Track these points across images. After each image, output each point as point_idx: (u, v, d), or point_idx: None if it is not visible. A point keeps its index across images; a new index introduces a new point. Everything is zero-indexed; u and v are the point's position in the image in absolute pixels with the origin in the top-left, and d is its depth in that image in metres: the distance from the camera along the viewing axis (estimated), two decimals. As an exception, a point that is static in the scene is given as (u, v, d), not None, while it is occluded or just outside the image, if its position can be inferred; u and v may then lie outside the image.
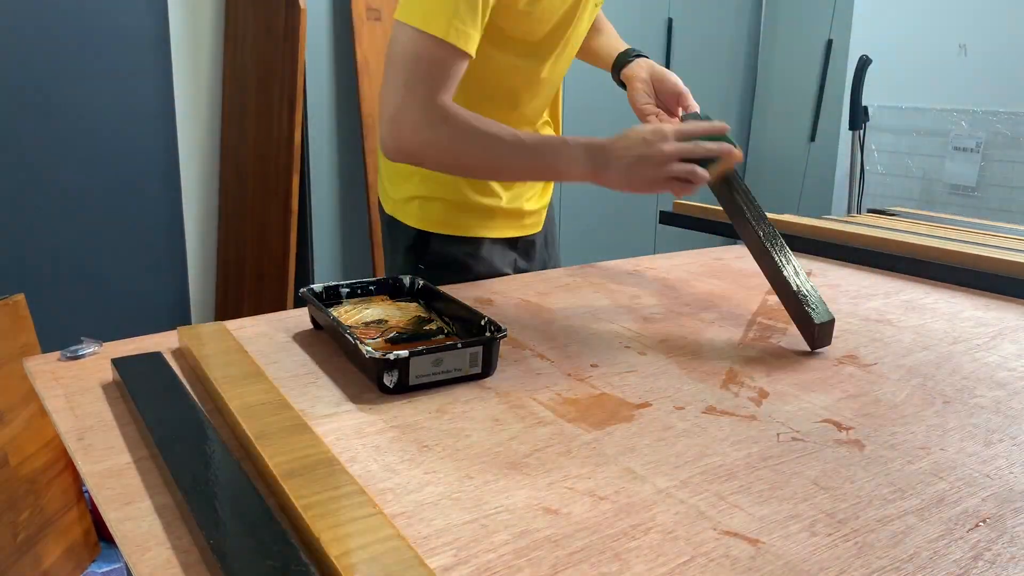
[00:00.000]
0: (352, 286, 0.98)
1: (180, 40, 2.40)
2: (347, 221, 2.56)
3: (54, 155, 2.23)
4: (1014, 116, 2.94)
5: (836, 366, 0.87)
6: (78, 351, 0.83)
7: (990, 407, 0.77)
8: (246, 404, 0.68)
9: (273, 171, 2.35)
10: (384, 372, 0.74)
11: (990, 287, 1.19)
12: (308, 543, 0.51)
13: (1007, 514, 0.58)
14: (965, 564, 0.52)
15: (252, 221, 2.45)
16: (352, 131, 2.49)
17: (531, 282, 1.18)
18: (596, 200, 3.12)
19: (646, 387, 0.80)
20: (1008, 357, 0.92)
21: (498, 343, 0.80)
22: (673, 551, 0.52)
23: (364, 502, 0.53)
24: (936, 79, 3.13)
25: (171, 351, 0.85)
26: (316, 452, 0.60)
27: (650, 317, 1.03)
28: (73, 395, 0.74)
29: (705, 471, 0.63)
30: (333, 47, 2.42)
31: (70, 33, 2.19)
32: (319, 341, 0.90)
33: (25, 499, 1.56)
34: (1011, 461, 0.66)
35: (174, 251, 2.52)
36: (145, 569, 0.49)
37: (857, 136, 2.91)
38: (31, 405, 1.59)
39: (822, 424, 0.72)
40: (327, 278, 2.54)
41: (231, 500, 0.54)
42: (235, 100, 2.46)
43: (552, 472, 0.62)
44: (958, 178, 3.10)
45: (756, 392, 0.79)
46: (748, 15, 3.56)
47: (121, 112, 2.32)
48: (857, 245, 1.37)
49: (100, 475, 0.60)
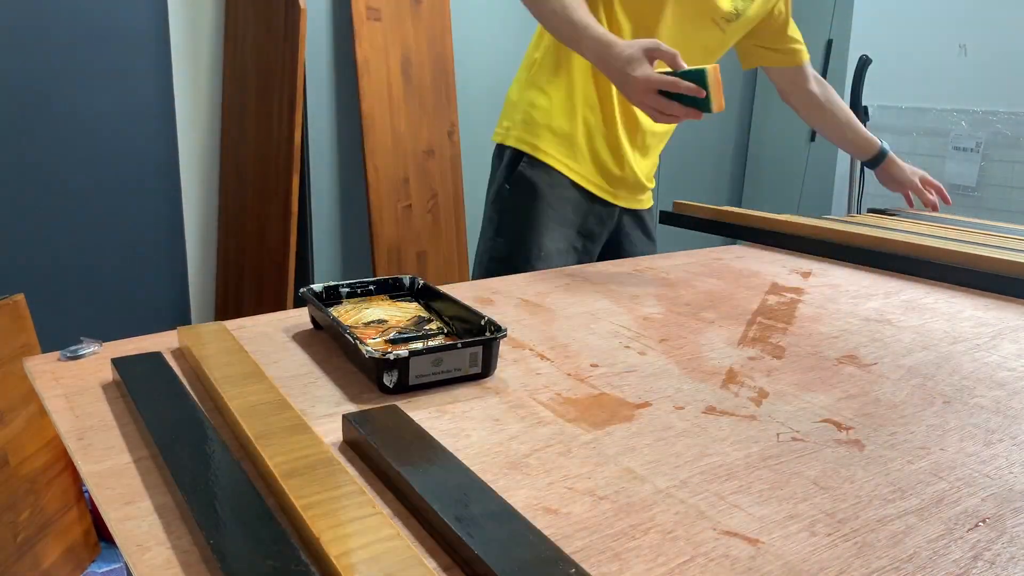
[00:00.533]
0: (352, 286, 0.98)
1: (180, 40, 2.40)
2: (347, 221, 2.56)
3: (54, 155, 2.23)
4: (1014, 116, 2.94)
5: (836, 366, 0.87)
6: (78, 351, 0.83)
7: (990, 407, 0.77)
8: (246, 404, 0.68)
9: (273, 171, 2.35)
10: (384, 372, 0.74)
11: (990, 287, 1.19)
12: (308, 543, 0.51)
13: (1007, 514, 0.58)
14: (965, 564, 0.52)
15: (252, 221, 2.45)
16: (352, 131, 2.49)
17: (531, 282, 1.18)
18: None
19: (646, 387, 0.80)
20: (1008, 357, 0.92)
21: (498, 343, 0.80)
22: (673, 551, 0.52)
23: (364, 502, 0.53)
24: (936, 79, 3.13)
25: (171, 351, 0.85)
26: (316, 452, 0.60)
27: (650, 317, 1.03)
28: (73, 395, 0.74)
29: (705, 471, 0.63)
30: (333, 47, 2.42)
31: (70, 33, 2.19)
32: (319, 341, 0.90)
33: (25, 499, 1.56)
34: (1011, 461, 0.66)
35: (174, 251, 2.52)
36: (145, 569, 0.49)
37: (857, 136, 2.90)
38: (31, 405, 1.59)
39: (822, 424, 0.72)
40: (327, 278, 2.54)
41: (231, 500, 0.54)
42: (235, 100, 2.46)
43: (552, 472, 0.62)
44: (958, 178, 3.10)
45: (756, 392, 0.79)
46: (748, 15, 3.55)
47: (121, 112, 2.32)
48: (857, 245, 1.37)
49: (100, 475, 0.60)
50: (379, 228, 2.45)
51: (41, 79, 2.17)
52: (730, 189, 3.72)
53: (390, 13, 2.42)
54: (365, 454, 0.63)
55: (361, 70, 2.38)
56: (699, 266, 1.32)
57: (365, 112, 2.40)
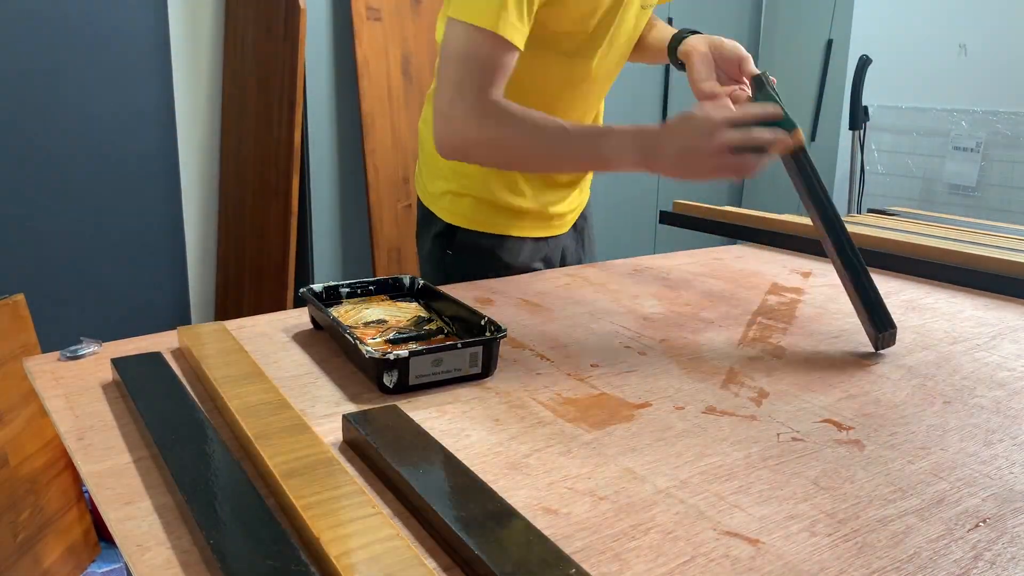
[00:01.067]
0: (352, 286, 0.98)
1: (180, 40, 2.40)
2: (347, 221, 2.56)
3: (54, 155, 2.23)
4: (1014, 116, 2.94)
5: (836, 366, 0.87)
6: (78, 351, 0.83)
7: (990, 407, 0.77)
8: (246, 404, 0.68)
9: (273, 171, 2.35)
10: (384, 372, 0.74)
11: (990, 287, 1.19)
12: (308, 543, 0.51)
13: (1007, 514, 0.58)
14: (965, 564, 0.52)
15: (252, 221, 2.45)
16: (352, 131, 2.49)
17: (531, 282, 1.18)
18: (596, 200, 3.11)
19: (646, 387, 0.80)
20: (1008, 357, 0.92)
21: (498, 343, 0.80)
22: (673, 551, 0.52)
23: (364, 502, 0.53)
24: (936, 79, 3.13)
25: (171, 351, 0.85)
26: (316, 452, 0.60)
27: (650, 317, 1.03)
28: (73, 395, 0.74)
29: (705, 471, 0.63)
30: (333, 47, 2.42)
31: (70, 33, 2.19)
32: (319, 341, 0.90)
33: (25, 499, 1.56)
34: (1011, 461, 0.66)
35: (174, 251, 2.52)
36: (145, 569, 0.49)
37: (857, 136, 2.91)
38: (31, 405, 1.59)
39: (822, 424, 0.72)
40: (327, 278, 2.54)
41: (231, 500, 0.54)
42: (235, 100, 2.46)
43: (552, 472, 0.62)
44: (958, 178, 3.10)
45: (756, 392, 0.79)
46: (748, 15, 3.56)
47: (121, 112, 2.32)
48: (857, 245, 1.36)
49: (100, 475, 0.60)
50: (379, 228, 2.45)
51: (41, 79, 2.17)
52: (730, 189, 3.72)
53: (390, 13, 2.42)
54: (365, 454, 0.63)
55: (361, 70, 2.38)
56: (699, 266, 1.32)
57: (365, 112, 2.40)
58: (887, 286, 1.22)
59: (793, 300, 1.13)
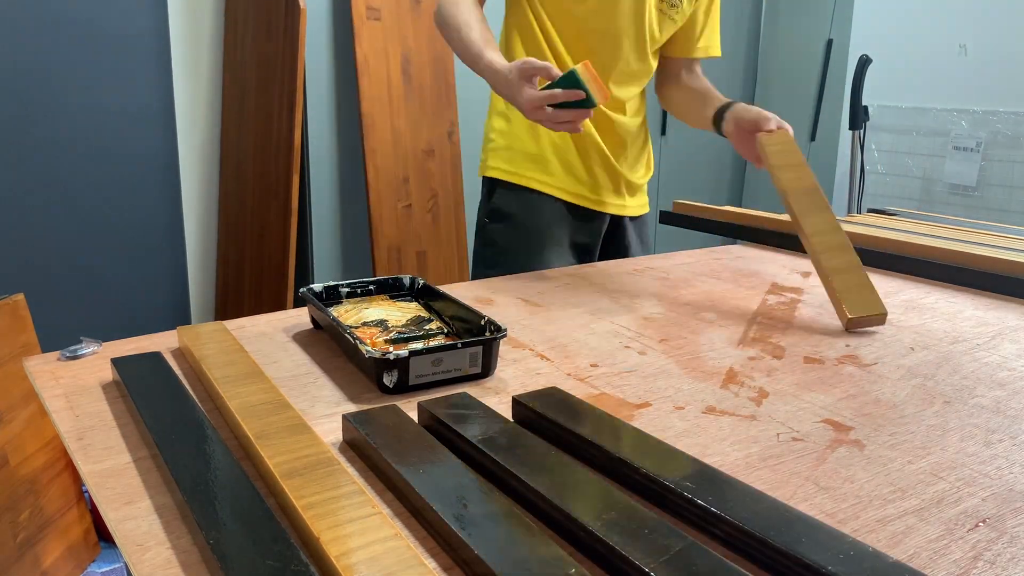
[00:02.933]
0: (352, 286, 0.98)
1: (180, 40, 2.40)
2: (347, 221, 2.56)
3: (54, 155, 2.23)
4: (1014, 116, 2.94)
5: (836, 366, 0.87)
6: (78, 351, 0.83)
7: (990, 407, 0.77)
8: (246, 404, 0.68)
9: (273, 171, 2.35)
10: (384, 372, 0.74)
11: (990, 287, 1.19)
12: (308, 543, 0.51)
13: (1007, 514, 0.58)
14: (965, 564, 0.52)
15: (252, 221, 2.45)
16: (352, 131, 2.49)
17: (531, 282, 1.18)
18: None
19: (646, 387, 0.80)
20: (1008, 357, 0.92)
21: (498, 343, 0.80)
22: (673, 551, 0.52)
23: (364, 502, 0.53)
24: (936, 79, 3.13)
25: (171, 351, 0.85)
26: (316, 452, 0.60)
27: (650, 317, 1.03)
28: (73, 395, 0.74)
29: (705, 471, 0.63)
30: (333, 47, 2.42)
31: (70, 33, 2.19)
32: (319, 341, 0.90)
33: (25, 499, 1.56)
34: (1011, 461, 0.66)
35: (174, 251, 2.52)
36: (145, 569, 0.49)
37: (857, 136, 2.90)
38: (31, 405, 1.59)
39: (822, 424, 0.72)
40: (327, 278, 2.54)
41: (231, 500, 0.54)
42: (235, 100, 2.46)
43: (552, 472, 0.62)
44: (958, 178, 3.10)
45: (756, 392, 0.79)
46: (748, 15, 3.56)
47: (121, 112, 2.32)
48: (857, 245, 1.36)
49: (100, 475, 0.60)
50: (379, 228, 2.45)
51: (41, 79, 2.17)
52: (730, 189, 3.72)
53: (390, 13, 2.42)
54: (365, 454, 0.63)
55: (361, 70, 2.38)
56: (699, 266, 1.32)
57: (365, 112, 2.40)
58: (887, 286, 1.22)
59: (793, 300, 1.13)
